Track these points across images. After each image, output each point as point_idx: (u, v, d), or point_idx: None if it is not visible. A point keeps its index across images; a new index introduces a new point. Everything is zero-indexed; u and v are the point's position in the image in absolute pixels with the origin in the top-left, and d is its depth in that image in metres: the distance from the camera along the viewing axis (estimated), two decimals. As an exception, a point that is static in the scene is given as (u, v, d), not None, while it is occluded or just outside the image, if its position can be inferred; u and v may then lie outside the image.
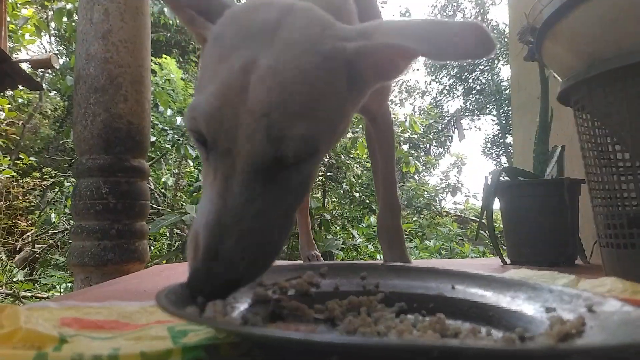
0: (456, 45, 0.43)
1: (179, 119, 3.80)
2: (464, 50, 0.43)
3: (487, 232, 1.44)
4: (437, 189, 6.74)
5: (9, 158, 4.24)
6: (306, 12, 0.49)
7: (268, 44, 0.44)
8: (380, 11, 0.95)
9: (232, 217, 0.42)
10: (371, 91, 0.53)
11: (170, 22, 4.16)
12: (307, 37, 0.46)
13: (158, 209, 3.62)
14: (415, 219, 5.36)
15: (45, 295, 3.26)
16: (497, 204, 1.39)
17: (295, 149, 0.43)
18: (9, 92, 3.51)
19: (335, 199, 4.38)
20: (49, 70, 5.22)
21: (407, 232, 4.52)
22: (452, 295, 0.59)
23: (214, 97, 0.43)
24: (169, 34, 5.55)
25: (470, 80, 9.17)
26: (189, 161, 4.05)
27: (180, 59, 5.53)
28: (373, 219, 4.01)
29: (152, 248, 3.49)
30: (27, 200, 4.17)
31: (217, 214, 0.42)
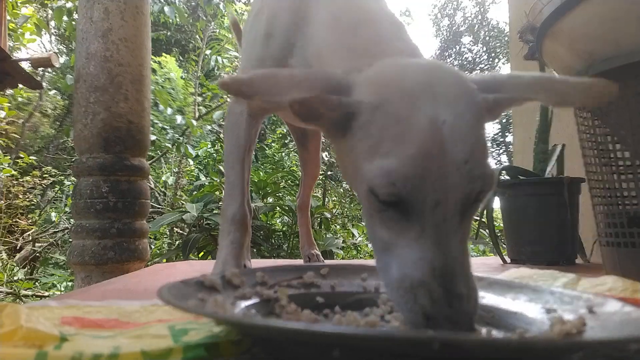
0: (580, 96, 0.53)
1: (178, 118, 3.80)
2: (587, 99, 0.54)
3: (487, 231, 1.44)
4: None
5: (9, 157, 4.24)
6: (441, 66, 0.53)
7: (436, 100, 0.47)
8: None
9: (456, 257, 0.45)
10: None
11: (170, 20, 4.16)
12: (464, 90, 0.50)
13: (158, 208, 3.63)
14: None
15: (46, 294, 3.26)
16: (497, 203, 1.39)
17: (491, 183, 0.47)
18: (9, 91, 3.51)
19: (335, 198, 4.38)
20: (49, 69, 5.22)
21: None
22: None
23: (413, 158, 0.45)
24: (169, 33, 5.55)
25: (471, 80, 9.18)
26: (189, 160, 4.05)
27: (180, 58, 5.53)
28: (373, 218, 4.00)
29: (152, 247, 3.49)
30: (28, 199, 4.18)
31: (441, 257, 0.45)
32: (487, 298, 0.56)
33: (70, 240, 1.58)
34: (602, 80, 0.52)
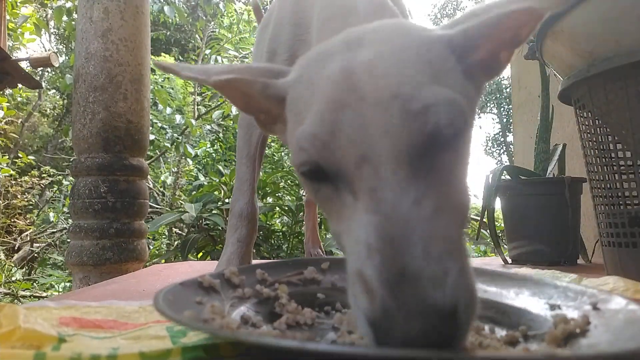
0: None
1: (177, 117, 3.80)
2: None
3: (488, 231, 1.43)
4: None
5: (7, 157, 4.23)
6: (382, 23, 0.44)
7: (359, 48, 0.39)
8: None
9: (402, 229, 0.32)
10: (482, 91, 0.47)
11: (170, 20, 4.16)
12: (401, 31, 0.41)
13: (157, 208, 3.62)
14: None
15: (44, 294, 3.25)
16: (498, 203, 1.38)
17: (448, 114, 0.34)
18: (8, 91, 3.51)
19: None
20: (48, 69, 5.22)
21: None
22: None
23: (321, 115, 0.37)
24: (168, 33, 5.55)
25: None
26: (188, 160, 4.05)
27: (180, 58, 5.53)
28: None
29: (151, 247, 3.49)
30: (26, 199, 4.17)
31: (381, 231, 0.32)
32: (489, 292, 0.55)
33: (68, 240, 1.58)
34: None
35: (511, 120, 2.78)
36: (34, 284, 3.49)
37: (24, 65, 2.00)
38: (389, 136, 0.34)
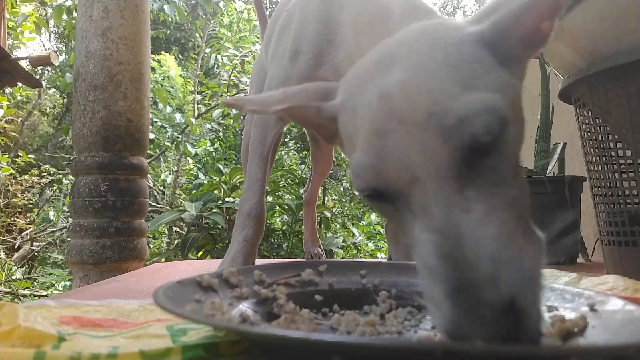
0: None
1: (178, 116, 3.79)
2: None
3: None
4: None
5: (7, 155, 4.23)
6: (413, 31, 0.45)
7: (392, 67, 0.40)
8: None
9: (454, 242, 0.34)
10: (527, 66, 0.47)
11: (170, 19, 4.16)
12: (429, 41, 0.42)
13: (157, 207, 3.62)
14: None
15: (44, 293, 3.26)
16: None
17: (484, 123, 0.35)
18: (8, 90, 3.50)
19: (335, 197, 4.38)
20: (48, 68, 5.22)
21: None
22: None
23: (368, 143, 0.39)
24: (168, 31, 5.54)
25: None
26: (188, 159, 4.05)
27: (180, 56, 5.52)
28: (373, 216, 4.00)
29: (151, 246, 3.49)
30: (26, 198, 4.17)
31: (438, 250, 0.34)
32: None
33: (68, 239, 1.58)
34: None
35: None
36: (34, 282, 3.50)
37: (24, 64, 2.00)
38: (430, 155, 0.36)
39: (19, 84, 2.08)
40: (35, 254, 3.91)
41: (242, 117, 3.59)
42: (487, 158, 0.36)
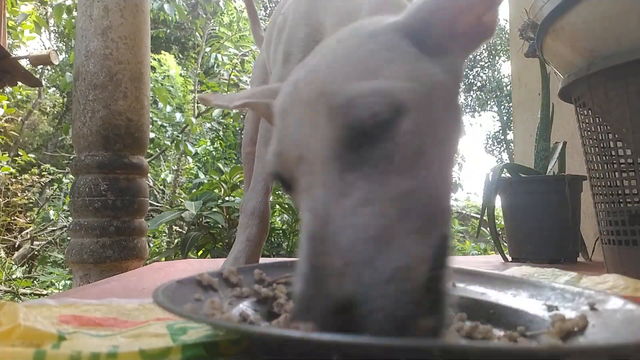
0: None
1: (178, 116, 3.79)
2: None
3: (488, 229, 1.43)
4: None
5: (7, 155, 4.23)
6: (349, 27, 0.44)
7: (312, 57, 0.42)
8: None
9: (321, 223, 0.33)
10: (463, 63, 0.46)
11: (170, 18, 4.16)
12: (348, 33, 0.42)
13: (157, 206, 3.62)
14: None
15: (44, 292, 3.26)
16: (498, 201, 1.38)
17: (369, 105, 0.34)
18: (8, 89, 3.50)
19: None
20: (49, 67, 5.21)
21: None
22: (452, 293, 0.58)
23: (276, 127, 0.40)
24: (168, 31, 5.53)
25: (471, 77, 9.14)
26: (188, 158, 4.04)
27: (180, 56, 5.52)
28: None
29: (151, 245, 3.48)
30: (26, 197, 4.17)
31: (308, 229, 0.34)
32: (486, 294, 0.55)
33: (68, 238, 1.58)
34: None
35: (511, 118, 2.78)
36: (35, 281, 3.50)
37: (24, 63, 2.00)
38: (315, 135, 0.35)
39: (19, 83, 2.08)
40: (36, 253, 3.91)
41: (241, 116, 3.58)
42: (378, 145, 0.35)
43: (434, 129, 0.38)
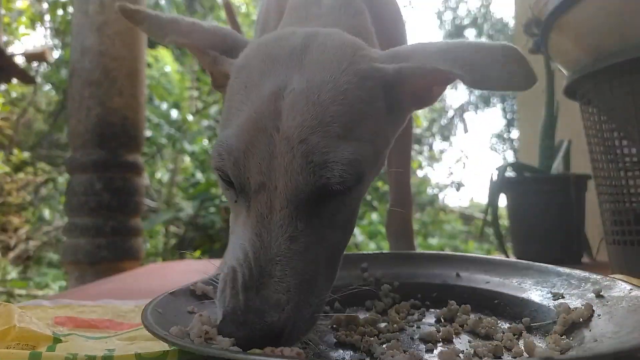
0: (500, 77, 0.43)
1: (174, 113, 3.77)
2: (507, 82, 0.43)
3: (492, 229, 1.42)
4: (440, 185, 6.69)
5: (2, 153, 4.20)
6: (333, 34, 0.47)
7: (298, 67, 0.42)
8: (405, 35, 0.86)
9: (271, 255, 0.38)
10: (408, 118, 0.52)
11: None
12: (341, 57, 0.43)
13: (153, 206, 3.60)
14: (418, 216, 5.32)
15: (40, 293, 3.23)
16: (502, 201, 1.37)
17: (341, 174, 0.38)
18: (2, 86, 3.48)
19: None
20: (44, 64, 5.18)
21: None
22: (456, 283, 0.58)
23: (242, 129, 0.40)
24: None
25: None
26: (185, 156, 4.03)
27: (177, 51, 5.49)
28: (375, 216, 3.99)
29: (148, 245, 3.46)
30: (21, 197, 4.14)
31: (256, 251, 0.38)
32: (491, 282, 0.56)
33: (64, 238, 1.57)
34: (515, 52, 0.43)
35: (516, 117, 2.78)
36: (30, 282, 3.47)
37: (20, 60, 1.98)
38: (287, 176, 0.38)
39: (14, 80, 2.06)
40: (31, 253, 3.89)
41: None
42: (330, 203, 0.41)
43: (366, 189, 0.45)
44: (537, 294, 0.50)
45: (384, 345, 0.42)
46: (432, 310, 0.54)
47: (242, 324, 0.35)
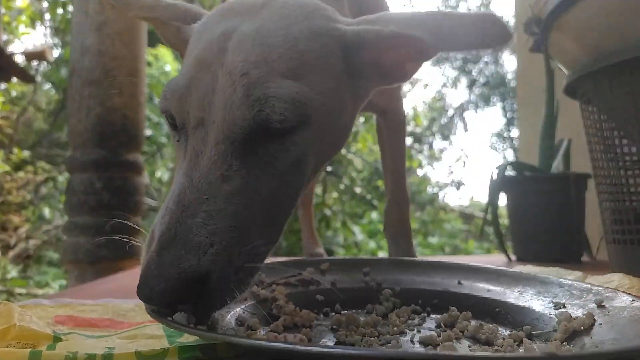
0: (470, 35, 0.39)
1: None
2: (479, 40, 0.39)
3: (492, 228, 1.42)
4: (440, 184, 6.68)
5: (2, 152, 4.20)
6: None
7: (252, 16, 0.41)
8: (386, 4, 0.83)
9: (197, 194, 0.35)
10: (375, 91, 0.50)
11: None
12: (298, 12, 0.42)
13: (154, 205, 3.60)
14: (418, 215, 5.31)
15: (40, 292, 3.24)
16: (502, 200, 1.37)
17: (282, 111, 0.36)
18: (2, 85, 3.48)
19: (335, 195, 4.36)
20: (44, 63, 5.18)
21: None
22: (457, 291, 0.58)
23: (189, 67, 0.39)
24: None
25: (475, 73, 9.08)
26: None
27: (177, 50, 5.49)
28: (374, 214, 3.99)
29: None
30: (21, 195, 4.14)
31: (180, 193, 0.36)
32: (492, 291, 0.56)
33: (65, 237, 1.57)
34: (487, 12, 0.40)
35: (515, 115, 2.77)
36: (30, 281, 3.48)
37: (19, 59, 1.98)
38: (226, 110, 0.37)
39: (14, 79, 2.06)
40: (31, 252, 3.89)
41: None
42: (269, 145, 0.38)
43: (314, 146, 0.41)
44: (538, 303, 0.51)
45: (384, 346, 0.42)
46: (433, 315, 0.54)
47: (157, 277, 0.34)
